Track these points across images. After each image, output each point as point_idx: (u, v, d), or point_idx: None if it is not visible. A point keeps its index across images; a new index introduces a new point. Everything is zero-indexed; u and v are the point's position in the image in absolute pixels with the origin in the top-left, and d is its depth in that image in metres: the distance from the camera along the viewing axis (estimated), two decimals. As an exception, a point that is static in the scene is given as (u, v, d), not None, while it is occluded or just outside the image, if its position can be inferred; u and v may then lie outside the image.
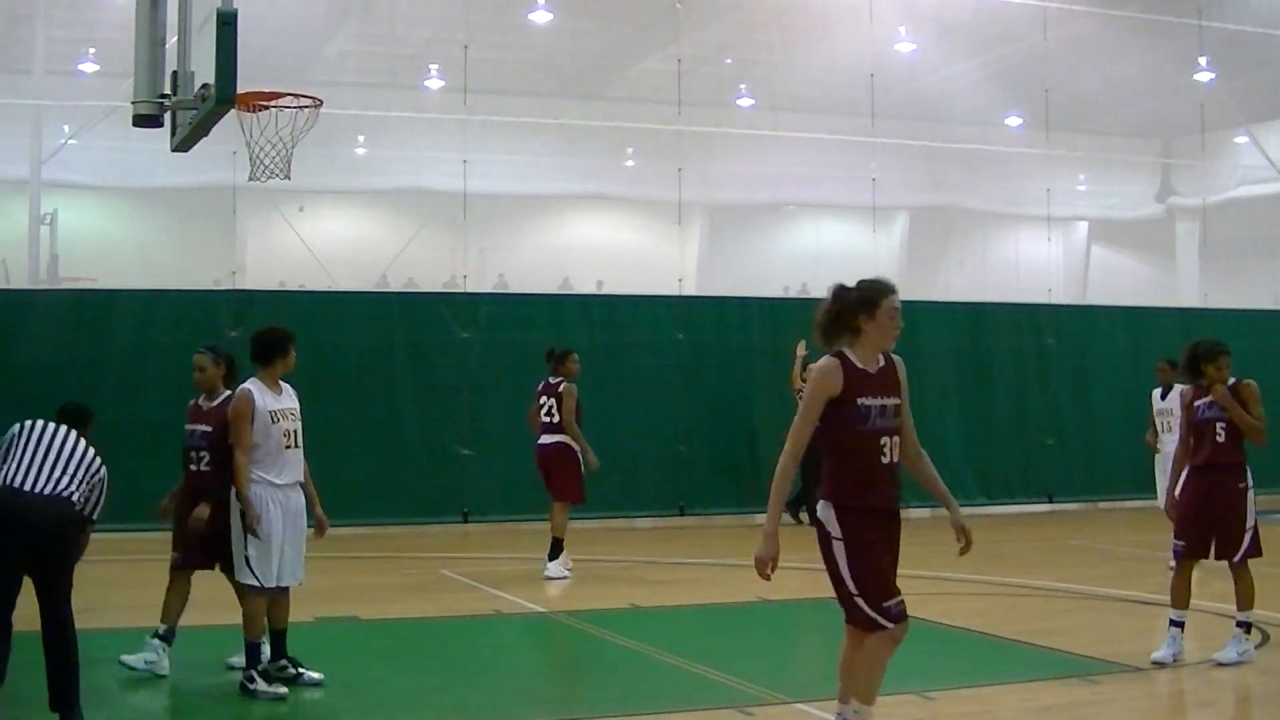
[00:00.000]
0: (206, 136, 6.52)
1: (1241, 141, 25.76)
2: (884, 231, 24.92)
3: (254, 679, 6.88)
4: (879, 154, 20.24)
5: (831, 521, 5.13)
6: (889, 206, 25.59)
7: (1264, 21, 21.87)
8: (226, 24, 5.64)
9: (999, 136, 25.13)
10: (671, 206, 19.66)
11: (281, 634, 7.20)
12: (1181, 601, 7.62)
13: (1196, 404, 7.78)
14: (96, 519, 6.39)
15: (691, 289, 19.13)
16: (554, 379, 11.51)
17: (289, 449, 7.10)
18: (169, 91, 6.42)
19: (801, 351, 15.23)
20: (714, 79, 25.12)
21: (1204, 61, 21.95)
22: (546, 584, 11.09)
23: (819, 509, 5.20)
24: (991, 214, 28.68)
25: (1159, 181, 29.05)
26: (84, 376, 13.12)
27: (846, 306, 5.21)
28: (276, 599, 7.15)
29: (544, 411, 11.45)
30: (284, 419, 7.10)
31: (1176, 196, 28.45)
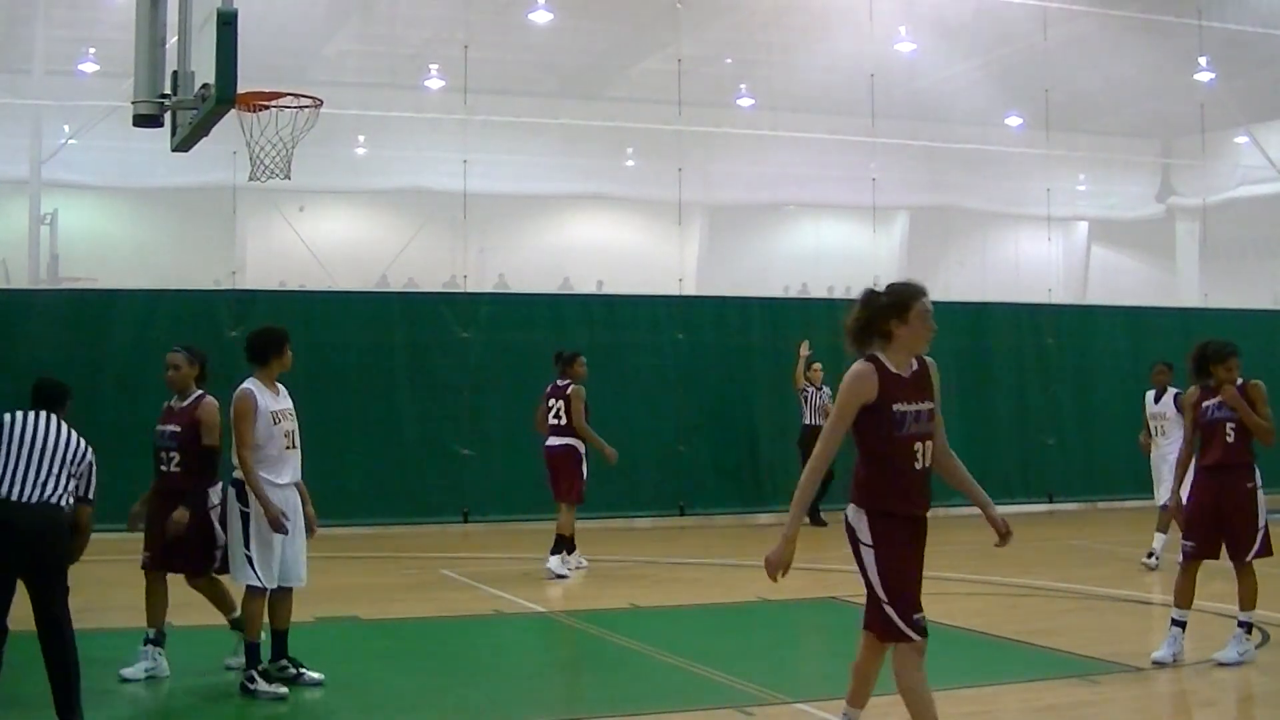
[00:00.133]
0: (207, 136, 6.53)
1: (1241, 141, 25.72)
2: (884, 231, 24.86)
3: (254, 679, 6.89)
4: (879, 154, 20.21)
5: (863, 528, 5.04)
6: (889, 206, 25.55)
7: (1264, 21, 21.86)
8: (227, 24, 5.65)
9: (999, 136, 25.08)
10: (671, 206, 19.65)
11: (283, 634, 7.21)
12: (1185, 601, 7.63)
13: (1205, 405, 7.77)
14: (92, 498, 6.30)
15: (691, 289, 19.10)
16: (562, 381, 11.63)
17: (289, 449, 7.13)
18: (169, 91, 6.43)
19: (805, 351, 15.26)
20: (714, 79, 25.08)
21: (1204, 61, 21.93)
22: (547, 584, 11.11)
23: (849, 513, 5.11)
24: (992, 214, 28.62)
25: (1159, 181, 28.99)
26: (84, 376, 13.05)
27: (877, 311, 5.09)
28: (279, 599, 7.16)
29: (551, 414, 11.55)
30: (284, 419, 7.13)
31: (1177, 196, 28.40)
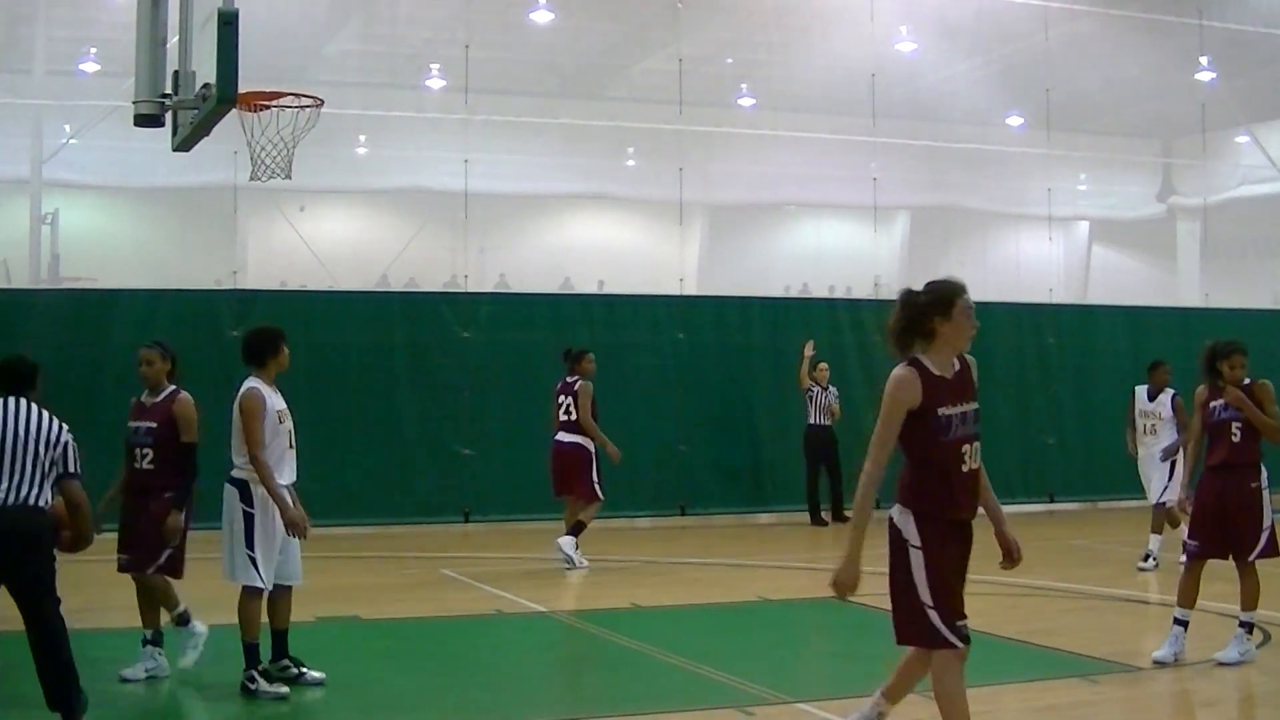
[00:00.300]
0: (207, 136, 6.54)
1: (1242, 141, 25.72)
2: (885, 231, 24.84)
3: (255, 679, 6.89)
4: (880, 154, 20.21)
5: (910, 529, 4.93)
6: (890, 206, 25.55)
7: (1265, 21, 21.85)
8: (228, 24, 5.66)
9: (1000, 136, 25.08)
10: (672, 206, 19.66)
11: (283, 634, 7.20)
12: (1188, 601, 7.61)
13: (1212, 404, 7.75)
14: (77, 471, 6.03)
15: (692, 289, 19.10)
16: (570, 378, 11.92)
17: (289, 449, 7.14)
18: (170, 91, 6.43)
19: (809, 351, 15.26)
20: (715, 79, 25.10)
21: (1205, 61, 21.93)
22: (547, 584, 11.12)
23: (895, 515, 4.99)
24: (992, 214, 28.60)
25: (1160, 181, 28.98)
26: (84, 376, 13.13)
27: (920, 310, 4.98)
28: (278, 599, 7.16)
29: (561, 410, 11.85)
30: (286, 419, 7.13)
31: (1177, 196, 28.39)
